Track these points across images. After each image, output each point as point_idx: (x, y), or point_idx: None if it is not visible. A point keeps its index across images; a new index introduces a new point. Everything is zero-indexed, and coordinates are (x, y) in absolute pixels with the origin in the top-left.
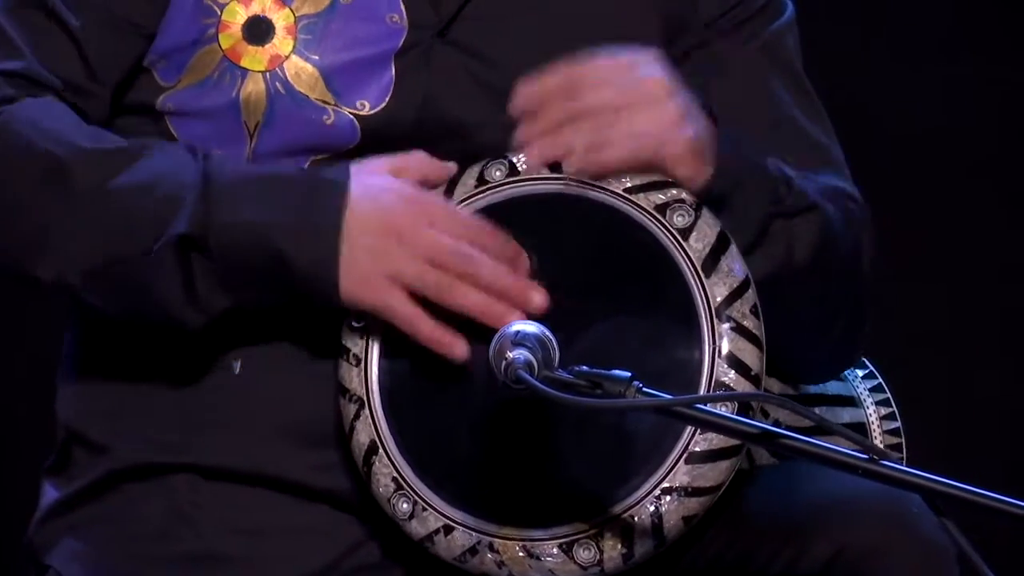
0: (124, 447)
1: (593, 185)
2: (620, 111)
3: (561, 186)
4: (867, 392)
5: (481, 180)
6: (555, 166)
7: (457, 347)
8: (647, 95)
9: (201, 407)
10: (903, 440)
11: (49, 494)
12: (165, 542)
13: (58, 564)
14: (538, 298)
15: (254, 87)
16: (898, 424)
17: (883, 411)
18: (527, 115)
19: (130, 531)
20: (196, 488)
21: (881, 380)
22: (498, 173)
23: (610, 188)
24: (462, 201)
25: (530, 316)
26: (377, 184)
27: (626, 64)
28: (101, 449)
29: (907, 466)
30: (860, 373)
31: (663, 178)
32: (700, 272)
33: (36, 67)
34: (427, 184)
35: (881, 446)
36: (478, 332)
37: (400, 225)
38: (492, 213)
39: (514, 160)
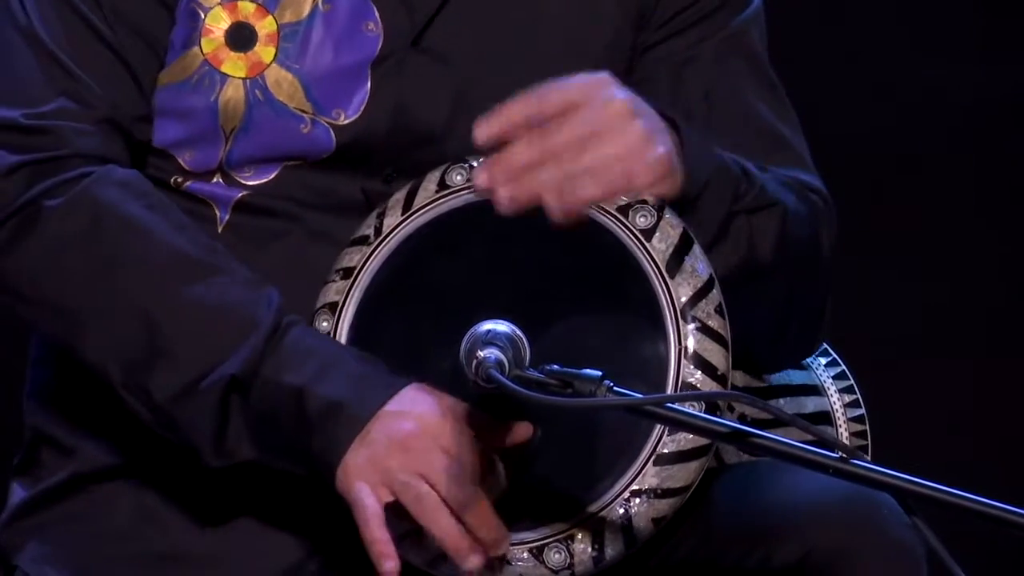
0: (92, 449)
1: None
2: (587, 142)
3: None
4: (831, 380)
5: (442, 185)
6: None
7: (388, 567)
8: (611, 121)
9: None
10: (867, 427)
11: (16, 494)
12: (133, 541)
13: (26, 565)
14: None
15: (233, 93)
16: (862, 411)
17: (847, 398)
18: (492, 150)
19: (98, 531)
20: (163, 490)
21: (845, 367)
22: (459, 177)
23: None
24: (424, 206)
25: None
26: (423, 403)
27: (586, 90)
28: (69, 451)
29: (877, 464)
30: (823, 361)
31: None
32: (664, 273)
33: (111, 108)
34: None
35: (846, 434)
36: (444, 340)
37: (411, 442)
38: (454, 217)
39: (476, 164)
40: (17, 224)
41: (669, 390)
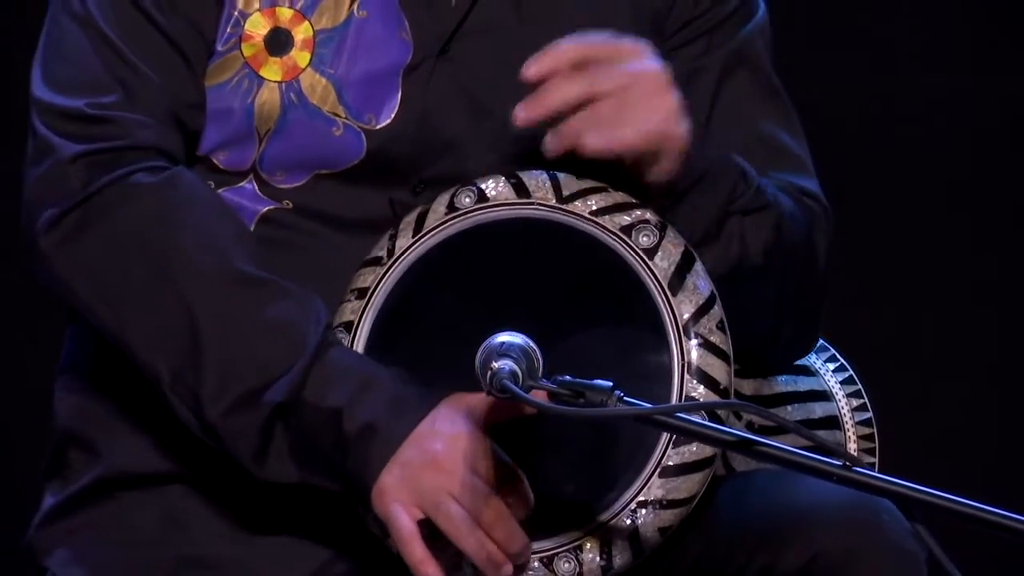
0: (119, 452)
1: (560, 209)
2: (627, 97)
3: (529, 211)
4: (839, 385)
5: (451, 207)
6: (522, 191)
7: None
8: (650, 84)
9: None
10: (875, 430)
11: (47, 498)
12: (160, 547)
13: (55, 567)
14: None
15: (269, 96)
16: (870, 415)
17: (855, 403)
18: (535, 85)
19: (125, 537)
20: (188, 497)
21: (852, 372)
22: (467, 200)
23: (576, 211)
24: (434, 228)
25: None
26: (454, 421)
27: (629, 50)
28: (96, 453)
29: (879, 472)
30: (831, 366)
31: (627, 199)
32: (667, 291)
33: (167, 96)
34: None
35: (854, 439)
36: (456, 357)
37: (442, 462)
38: (463, 239)
39: (483, 187)
40: (80, 216)
41: (674, 403)
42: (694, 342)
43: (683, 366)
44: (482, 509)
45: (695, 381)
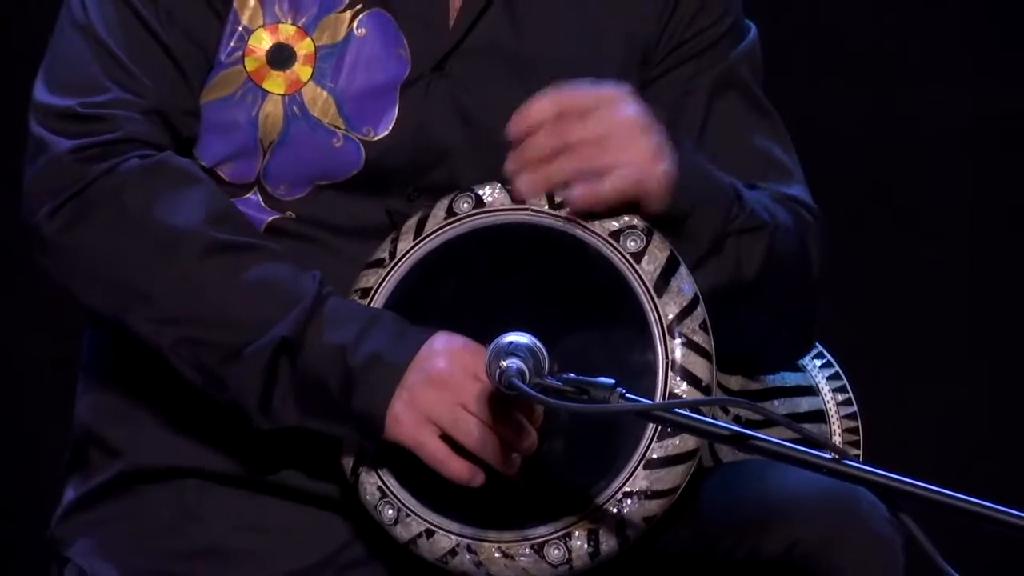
0: (137, 451)
1: (552, 214)
2: (603, 145)
3: (523, 216)
4: (824, 380)
5: (450, 212)
6: (517, 197)
7: (477, 479)
8: (627, 130)
9: (209, 418)
10: (859, 423)
11: (69, 492)
12: (174, 538)
13: (77, 557)
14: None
15: (272, 108)
16: (854, 409)
17: (840, 397)
18: (518, 143)
19: (143, 528)
20: (203, 490)
21: (838, 368)
22: (465, 205)
23: (568, 217)
24: (434, 232)
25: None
26: (448, 345)
27: (607, 98)
28: (116, 449)
29: (865, 463)
30: (818, 363)
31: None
32: (652, 292)
33: (160, 100)
34: None
35: (839, 431)
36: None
37: (446, 377)
38: (461, 242)
39: (480, 193)
40: (77, 206)
41: (657, 399)
42: (678, 341)
43: (667, 364)
44: (493, 412)
45: (678, 378)
